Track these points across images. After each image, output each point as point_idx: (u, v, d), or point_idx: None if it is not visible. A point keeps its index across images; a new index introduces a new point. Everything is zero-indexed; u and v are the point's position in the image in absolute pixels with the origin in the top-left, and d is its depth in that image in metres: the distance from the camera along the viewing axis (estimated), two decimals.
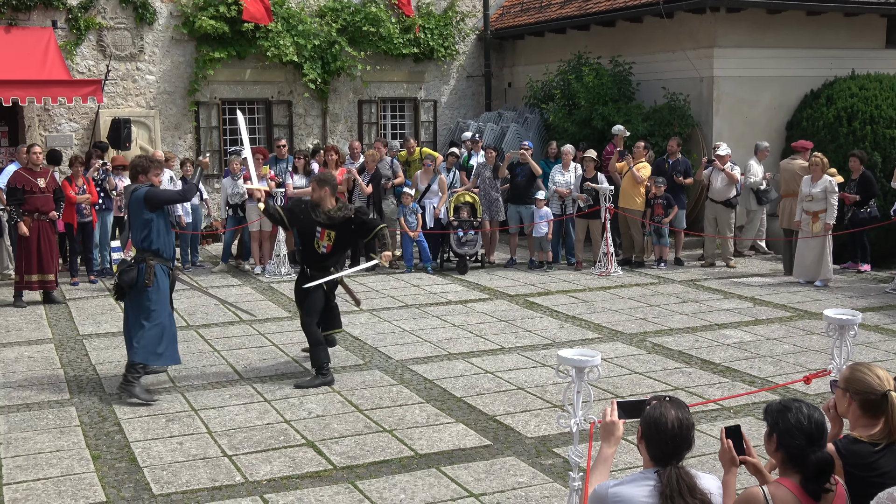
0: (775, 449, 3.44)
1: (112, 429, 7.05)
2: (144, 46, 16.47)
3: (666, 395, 3.60)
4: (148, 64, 16.56)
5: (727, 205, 13.72)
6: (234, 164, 13.75)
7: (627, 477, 3.47)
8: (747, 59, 15.37)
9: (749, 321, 10.44)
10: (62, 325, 10.51)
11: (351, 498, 5.76)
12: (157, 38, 16.57)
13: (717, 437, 6.70)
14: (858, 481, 3.52)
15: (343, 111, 18.41)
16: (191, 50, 16.82)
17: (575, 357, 4.53)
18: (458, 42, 19.18)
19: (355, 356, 9.07)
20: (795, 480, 3.38)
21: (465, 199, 13.91)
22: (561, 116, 16.41)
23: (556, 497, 5.74)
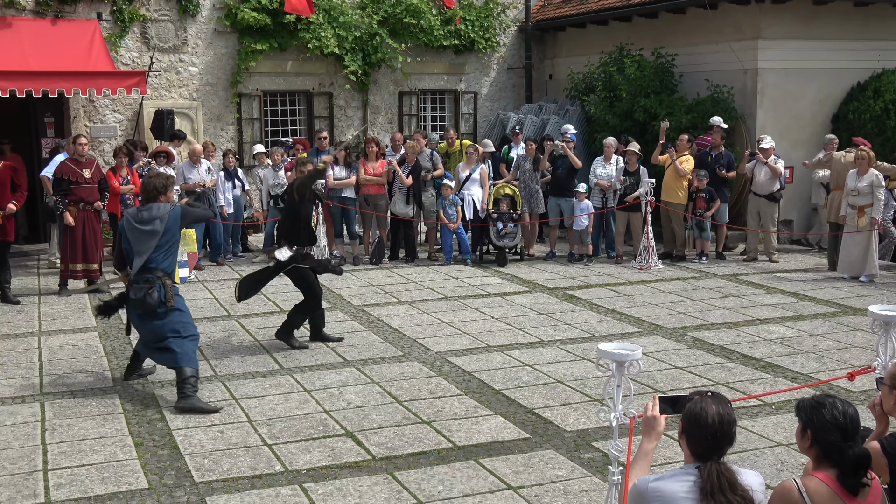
0: (810, 445, 3.43)
1: (154, 416, 7.13)
2: (187, 38, 16.60)
3: (708, 390, 3.57)
4: (191, 56, 16.70)
5: (770, 199, 13.54)
6: (276, 156, 13.84)
7: (668, 472, 3.45)
8: (792, 50, 15.15)
9: (792, 316, 10.31)
10: None
11: (389, 489, 5.78)
12: (199, 29, 16.70)
13: (758, 433, 6.65)
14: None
15: (383, 103, 18.43)
16: (233, 42, 16.93)
17: (615, 351, 4.50)
18: (498, 34, 19.11)
19: (394, 347, 9.10)
20: (831, 474, 3.36)
21: (505, 192, 13.88)
22: (602, 109, 16.30)
23: (595, 491, 5.71)
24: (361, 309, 10.79)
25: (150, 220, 7.51)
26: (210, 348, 9.07)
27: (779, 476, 5.87)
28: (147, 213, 7.57)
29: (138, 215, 7.58)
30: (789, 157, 14.57)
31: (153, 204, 7.64)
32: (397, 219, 13.85)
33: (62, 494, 5.70)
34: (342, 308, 10.85)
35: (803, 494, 3.32)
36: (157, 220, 7.49)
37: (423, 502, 5.57)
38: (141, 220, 7.54)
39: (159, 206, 7.62)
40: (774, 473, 5.94)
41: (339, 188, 13.57)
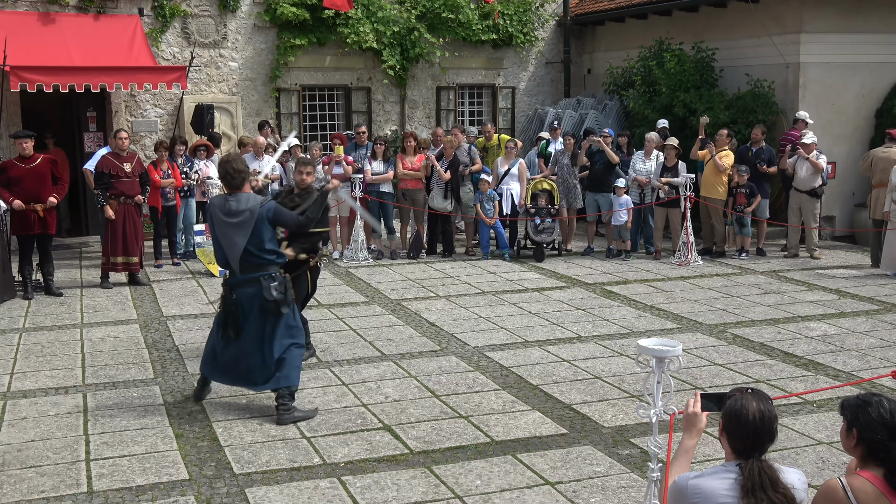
0: (855, 444, 3.38)
1: (194, 408, 7.20)
2: (227, 34, 16.72)
3: (748, 387, 3.53)
4: (231, 51, 16.82)
5: (812, 194, 13.37)
6: (315, 150, 13.88)
7: (708, 469, 3.42)
8: (836, 44, 14.93)
9: (834, 314, 10.18)
10: (147, 306, 10.77)
11: (427, 482, 5.78)
12: (239, 25, 16.81)
13: (799, 431, 6.57)
14: None
15: (421, 98, 18.44)
16: (272, 37, 17.02)
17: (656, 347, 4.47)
18: (537, 28, 19.05)
19: (432, 342, 9.11)
20: (878, 474, 3.31)
21: (543, 187, 13.83)
22: (641, 103, 16.18)
23: (633, 488, 5.68)
24: (399, 303, 10.81)
25: (238, 212, 6.76)
26: None
27: (820, 475, 5.80)
28: (235, 204, 6.78)
29: (225, 205, 6.80)
30: (831, 152, 14.37)
31: (241, 194, 6.85)
32: (435, 213, 13.86)
33: (104, 484, 5.78)
34: (380, 302, 10.88)
35: (848, 493, 3.28)
36: (246, 212, 6.74)
37: (460, 497, 5.58)
38: (228, 211, 6.77)
39: (248, 196, 6.83)
40: (816, 472, 5.87)
41: (376, 183, 13.60)
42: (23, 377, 8.00)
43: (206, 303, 10.70)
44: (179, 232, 13.60)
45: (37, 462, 6.12)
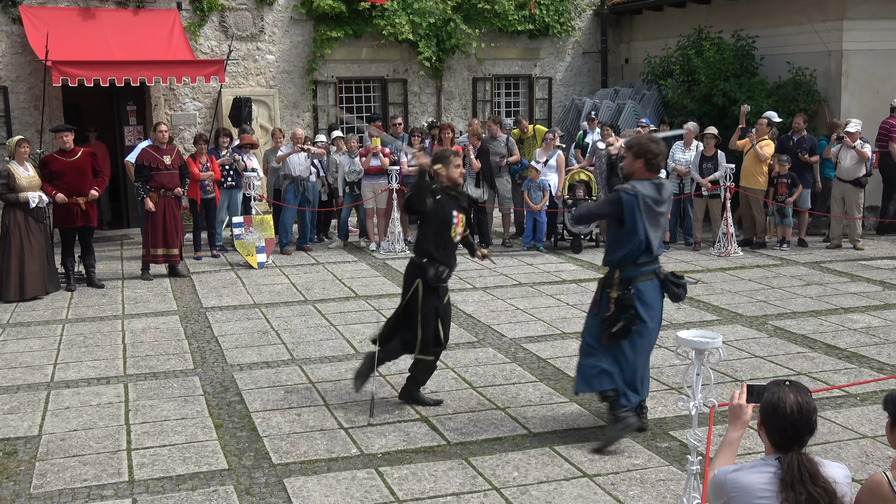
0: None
1: (233, 399, 7.25)
2: (264, 27, 16.79)
3: (787, 379, 3.48)
4: (268, 44, 16.89)
5: (856, 184, 13.15)
6: (352, 142, 13.92)
7: (747, 463, 3.38)
8: (880, 31, 14.65)
9: (878, 305, 10.02)
10: (186, 297, 10.86)
11: (464, 474, 5.78)
12: (276, 18, 16.88)
13: (842, 424, 6.48)
14: None
15: (458, 89, 18.41)
16: (309, 29, 17.07)
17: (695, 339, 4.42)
18: (573, 18, 18.92)
19: (468, 333, 9.09)
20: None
21: (581, 178, 13.74)
22: (680, 93, 16.02)
23: (672, 481, 5.63)
24: None
25: (663, 201, 6.21)
26: (287, 333, 9.18)
27: (864, 469, 5.71)
28: (663, 192, 6.20)
29: (657, 195, 6.16)
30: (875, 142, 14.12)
31: (662, 181, 6.33)
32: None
33: (145, 473, 5.84)
34: None
35: (894, 488, 3.22)
36: (667, 202, 6.24)
37: (497, 488, 5.57)
38: (657, 200, 6.15)
39: (664, 184, 6.29)
40: (860, 466, 5.78)
41: (412, 174, 13.59)
42: (66, 367, 8.11)
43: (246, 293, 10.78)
44: (220, 224, 13.70)
45: (79, 451, 6.20)
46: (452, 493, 5.50)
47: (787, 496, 3.16)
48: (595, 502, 5.38)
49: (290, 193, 13.53)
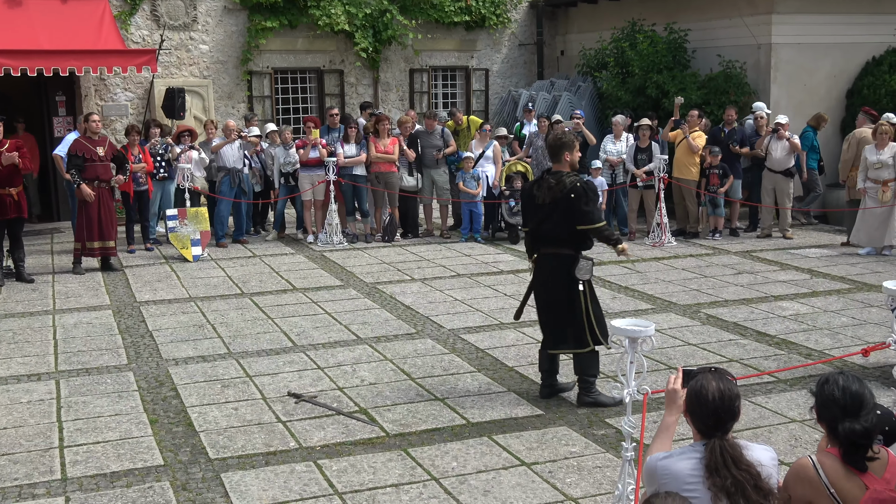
0: (817, 420, 3.44)
1: (169, 394, 7.17)
2: (198, 16, 16.56)
3: (712, 366, 3.55)
4: (201, 33, 16.66)
5: (786, 174, 13.45)
6: (286, 134, 13.80)
7: (677, 450, 3.45)
8: (807, 25, 15.01)
9: (806, 293, 10.28)
10: (119, 291, 10.69)
11: (403, 465, 5.79)
12: (209, 7, 16.65)
13: (772, 409, 6.64)
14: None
15: (395, 80, 18.37)
16: (243, 19, 16.88)
17: (629, 327, 4.49)
18: (509, 10, 18.99)
19: (407, 325, 9.11)
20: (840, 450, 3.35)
21: (518, 169, 13.83)
22: (614, 85, 16.21)
23: (609, 467, 5.72)
24: (374, 287, 10.80)
25: None
26: (224, 326, 9.10)
27: (793, 452, 5.87)
28: None
29: None
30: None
31: None
32: (406, 195, 13.86)
33: (78, 471, 5.74)
34: (355, 286, 10.86)
35: (819, 471, 3.32)
36: None
37: (436, 478, 5.60)
38: None
39: None
40: (789, 450, 5.94)
41: (349, 166, 13.53)
42: None
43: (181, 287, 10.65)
44: (153, 217, 13.49)
45: (9, 450, 6.08)
46: (392, 485, 5.52)
47: (713, 481, 3.23)
48: (533, 490, 5.44)
49: (226, 185, 13.38)
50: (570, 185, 6.71)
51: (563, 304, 6.83)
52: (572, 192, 6.68)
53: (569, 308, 6.82)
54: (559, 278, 6.81)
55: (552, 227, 6.79)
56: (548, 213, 6.78)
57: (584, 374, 6.88)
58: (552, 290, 6.88)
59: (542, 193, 6.79)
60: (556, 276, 6.82)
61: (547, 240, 6.85)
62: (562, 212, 6.72)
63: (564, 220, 6.75)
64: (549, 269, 6.88)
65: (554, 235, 6.80)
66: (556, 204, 6.72)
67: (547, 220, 6.79)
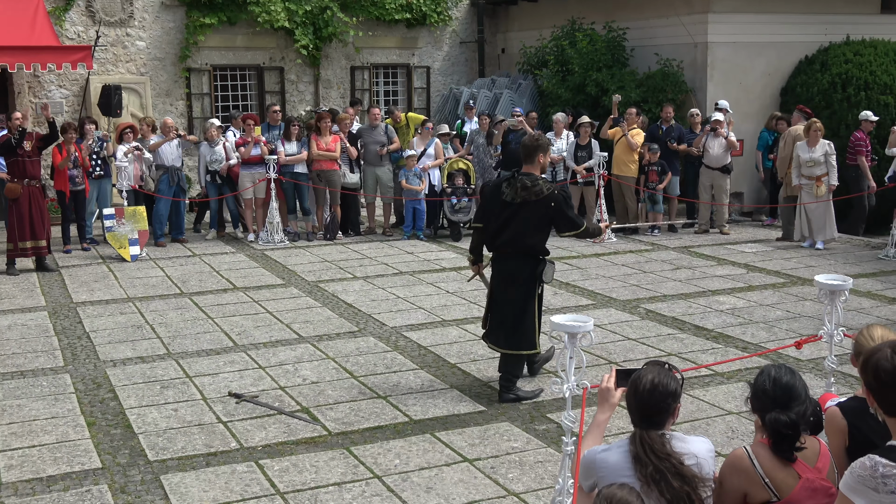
0: (752, 410, 3.51)
1: (107, 396, 7.06)
2: (134, 12, 16.30)
3: (659, 360, 3.62)
4: (138, 30, 16.41)
5: (723, 171, 13.68)
6: (212, 131, 13.61)
7: (615, 443, 3.51)
8: (742, 24, 15.28)
9: (742, 287, 10.47)
10: (55, 292, 10.49)
11: (346, 463, 5.78)
12: (146, 3, 16.40)
13: (710, 402, 6.76)
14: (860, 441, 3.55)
15: (336, 77, 18.29)
16: (181, 16, 16.66)
17: (567, 323, 4.53)
18: (450, 7, 19.02)
19: (349, 323, 9.08)
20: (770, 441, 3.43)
21: (459, 167, 13.87)
22: (555, 83, 16.33)
23: (550, 462, 5.77)
24: (316, 285, 10.75)
25: None
26: (163, 326, 8.98)
27: (730, 444, 5.98)
28: None
29: None
30: (739, 130, 14.69)
31: None
32: (347, 193, 13.82)
33: (13, 475, 5.63)
34: (296, 284, 10.80)
35: (753, 460, 3.39)
36: None
37: (379, 476, 5.59)
38: None
39: None
40: (726, 441, 6.05)
41: (290, 164, 13.43)
42: None
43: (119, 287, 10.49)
44: (90, 216, 13.25)
45: None
46: (334, 484, 5.50)
47: (639, 471, 3.32)
48: (475, 486, 5.47)
49: (164, 184, 13.20)
50: (548, 191, 6.77)
51: (518, 304, 6.89)
52: (552, 200, 6.75)
53: (523, 309, 6.88)
54: (520, 279, 6.86)
55: (519, 227, 6.81)
56: (515, 213, 6.79)
57: (509, 372, 6.96)
58: (507, 288, 6.92)
59: (514, 192, 6.78)
60: (515, 276, 6.87)
61: (510, 239, 6.85)
62: (536, 215, 6.77)
63: (535, 223, 6.81)
64: (508, 269, 6.91)
65: (518, 235, 6.82)
66: (526, 205, 6.75)
67: (513, 219, 6.79)
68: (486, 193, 7.10)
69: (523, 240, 6.82)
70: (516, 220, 6.79)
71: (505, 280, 6.93)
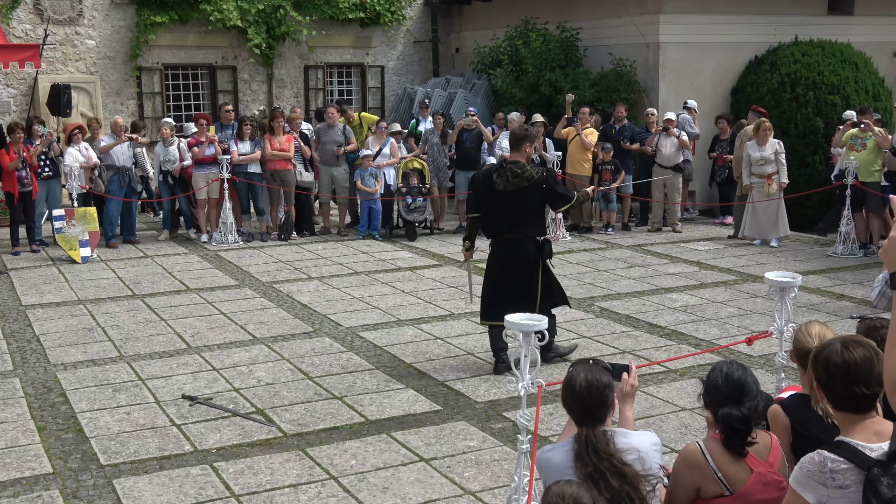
0: (704, 406, 3.55)
1: (57, 400, 6.95)
2: (83, 10, 16.07)
3: (584, 358, 3.65)
4: (87, 28, 16.18)
5: (676, 170, 13.82)
6: (164, 130, 13.47)
7: (560, 442, 3.54)
8: (693, 24, 15.46)
9: (695, 285, 10.59)
10: (4, 295, 10.30)
11: (301, 465, 5.76)
12: (96, 1, 16.18)
13: (663, 398, 6.83)
14: (803, 437, 3.61)
15: (289, 77, 18.19)
16: (131, 14, 16.46)
17: (522, 321, 4.54)
18: (404, 7, 19.01)
19: (304, 323, 9.04)
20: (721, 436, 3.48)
21: (414, 166, 13.86)
22: (508, 82, 16.39)
23: (506, 460, 5.79)
24: (270, 286, 10.68)
25: None
26: (115, 329, 8.86)
27: (683, 439, 6.04)
28: None
29: None
30: None
31: None
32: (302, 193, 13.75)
33: None
34: (251, 285, 10.72)
35: (706, 455, 3.43)
36: None
37: (335, 477, 5.58)
38: None
39: None
40: (679, 437, 6.11)
41: (243, 163, 13.32)
42: None
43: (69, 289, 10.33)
44: (39, 217, 13.03)
45: None
46: (290, 485, 5.47)
47: (580, 470, 3.35)
48: (432, 486, 5.47)
49: (115, 185, 13.03)
50: (537, 175, 7.28)
51: (524, 282, 7.39)
52: (543, 182, 7.27)
53: (528, 285, 7.39)
54: (526, 259, 7.36)
55: (517, 213, 7.28)
56: (510, 200, 7.26)
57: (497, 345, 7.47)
58: (515, 268, 7.38)
59: (505, 181, 7.24)
60: (520, 258, 7.37)
61: (511, 225, 7.32)
62: (530, 199, 7.26)
63: (531, 207, 7.31)
64: (512, 252, 7.38)
65: (517, 221, 7.30)
66: (520, 191, 7.23)
67: (510, 206, 7.25)
68: (478, 184, 7.53)
69: (523, 224, 7.34)
70: (513, 207, 7.28)
71: (508, 263, 7.41)
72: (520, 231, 7.34)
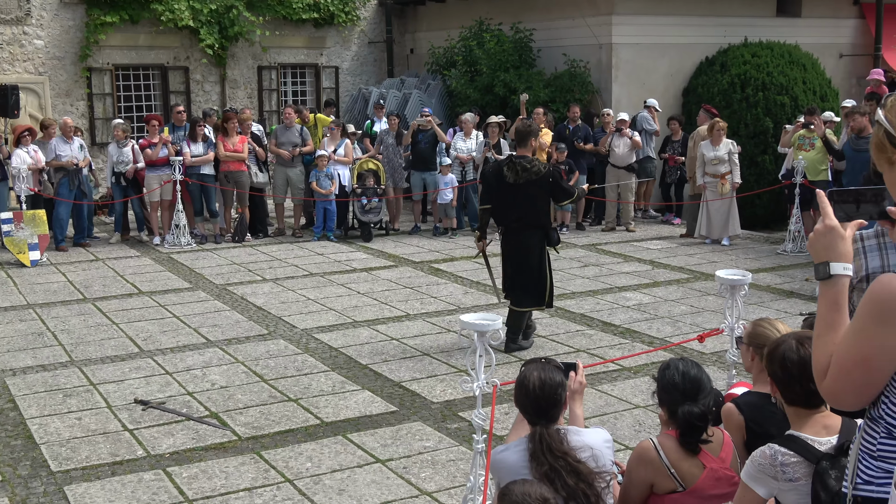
0: (659, 404, 3.58)
1: (6, 406, 6.83)
2: (31, 10, 15.81)
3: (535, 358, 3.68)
4: (35, 28, 15.93)
5: (629, 170, 13.95)
6: (118, 131, 13.30)
7: (513, 442, 3.55)
8: (645, 26, 15.61)
9: (648, 283, 10.69)
10: None
11: (256, 468, 5.71)
12: (44, 1, 15.93)
13: (617, 396, 6.89)
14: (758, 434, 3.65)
15: (242, 77, 18.05)
16: (81, 13, 16.23)
17: (476, 321, 4.56)
18: (358, 7, 18.97)
19: (259, 326, 8.98)
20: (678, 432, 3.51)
21: (369, 167, 13.83)
22: (463, 83, 16.42)
23: (462, 460, 5.80)
24: (224, 288, 10.59)
25: None
26: (65, 333, 8.73)
27: (637, 436, 6.09)
28: None
29: None
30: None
31: None
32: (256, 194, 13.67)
33: None
34: (204, 288, 10.62)
35: (660, 451, 3.47)
36: None
37: (290, 480, 5.54)
38: None
39: None
40: (633, 434, 6.17)
41: (196, 165, 13.19)
42: None
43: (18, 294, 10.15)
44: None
45: None
46: (244, 489, 5.43)
47: (535, 469, 3.37)
48: (388, 487, 5.46)
49: (65, 187, 12.82)
50: (545, 170, 7.90)
51: (534, 269, 8.00)
52: (550, 176, 7.86)
53: (538, 272, 8.02)
54: (533, 247, 7.96)
55: (526, 204, 7.86)
56: (519, 192, 7.82)
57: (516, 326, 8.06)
58: (526, 256, 7.99)
59: (515, 174, 7.81)
60: (529, 245, 7.96)
61: (520, 216, 7.89)
62: (538, 192, 7.83)
63: (539, 199, 7.89)
64: (522, 240, 7.97)
65: (526, 212, 7.87)
66: (529, 184, 7.79)
67: (519, 198, 7.82)
68: (489, 177, 8.19)
69: (531, 215, 7.89)
70: (523, 199, 7.84)
71: (519, 250, 7.99)
72: (528, 221, 7.89)
